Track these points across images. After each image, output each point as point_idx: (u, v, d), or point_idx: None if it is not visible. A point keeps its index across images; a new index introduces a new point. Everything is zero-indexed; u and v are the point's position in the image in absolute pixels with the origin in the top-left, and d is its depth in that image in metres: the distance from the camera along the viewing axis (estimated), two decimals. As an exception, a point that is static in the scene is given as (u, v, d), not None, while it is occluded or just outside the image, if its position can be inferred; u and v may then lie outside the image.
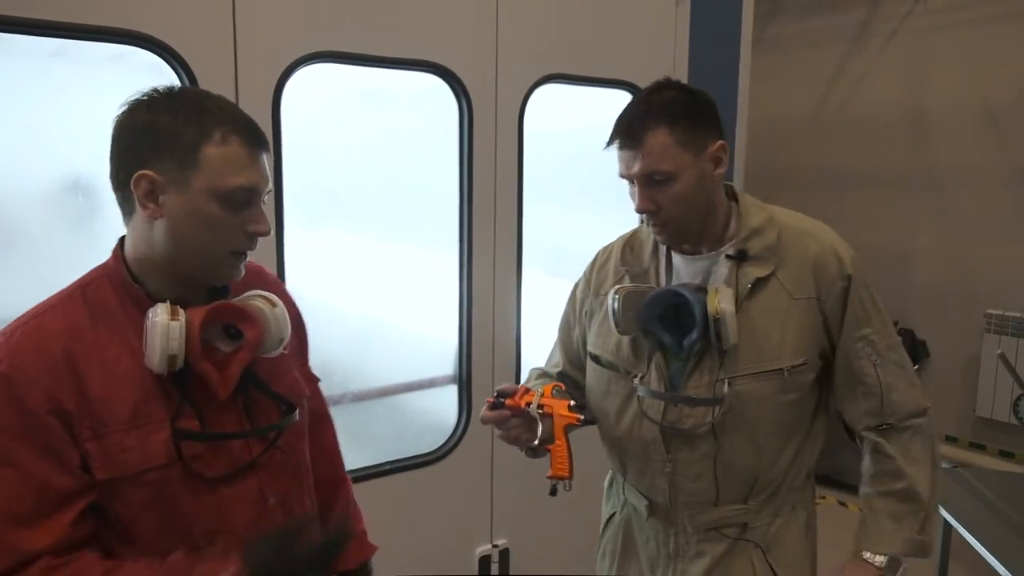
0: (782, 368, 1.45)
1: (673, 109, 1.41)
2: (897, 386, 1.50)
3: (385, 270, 2.51)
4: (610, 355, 1.58)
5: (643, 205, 1.43)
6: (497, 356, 2.64)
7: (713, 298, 1.40)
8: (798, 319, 1.46)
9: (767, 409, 1.47)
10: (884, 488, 1.51)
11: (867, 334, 1.49)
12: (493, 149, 2.54)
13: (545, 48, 2.62)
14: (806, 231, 1.51)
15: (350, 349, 2.45)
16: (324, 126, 2.37)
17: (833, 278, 1.47)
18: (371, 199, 2.49)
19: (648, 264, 1.58)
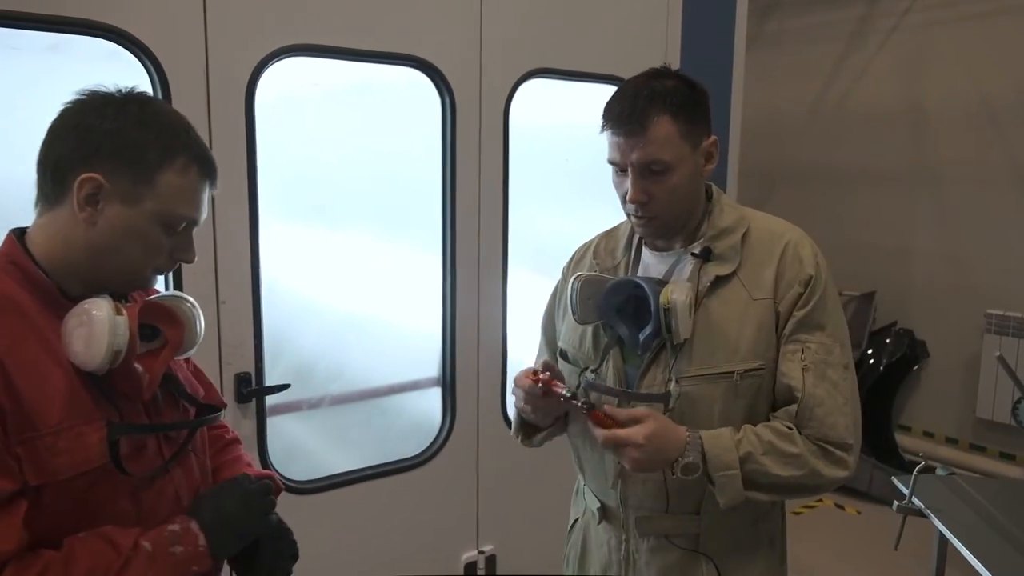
0: (733, 371, 1.39)
1: (677, 98, 1.36)
2: (825, 403, 1.38)
3: (367, 269, 2.45)
4: (574, 349, 1.55)
5: (636, 195, 1.38)
6: (482, 357, 2.58)
7: (667, 290, 1.37)
8: (755, 320, 1.40)
9: (716, 414, 1.40)
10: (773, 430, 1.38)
11: (806, 340, 1.40)
12: (477, 145, 2.48)
13: (531, 41, 2.56)
14: (774, 232, 1.47)
15: (330, 350, 2.40)
16: (302, 122, 2.31)
17: (791, 279, 1.41)
18: (352, 197, 2.43)
19: (620, 259, 1.56)
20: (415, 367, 2.58)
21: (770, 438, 1.36)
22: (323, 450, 2.47)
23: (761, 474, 1.35)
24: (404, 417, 2.62)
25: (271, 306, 2.16)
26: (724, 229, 1.45)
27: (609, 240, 1.61)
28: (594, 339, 1.51)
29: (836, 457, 1.37)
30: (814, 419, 1.37)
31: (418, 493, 2.51)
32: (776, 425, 1.39)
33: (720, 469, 1.33)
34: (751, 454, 1.35)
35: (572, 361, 1.56)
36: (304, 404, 2.34)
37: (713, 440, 1.35)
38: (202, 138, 1.18)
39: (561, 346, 1.61)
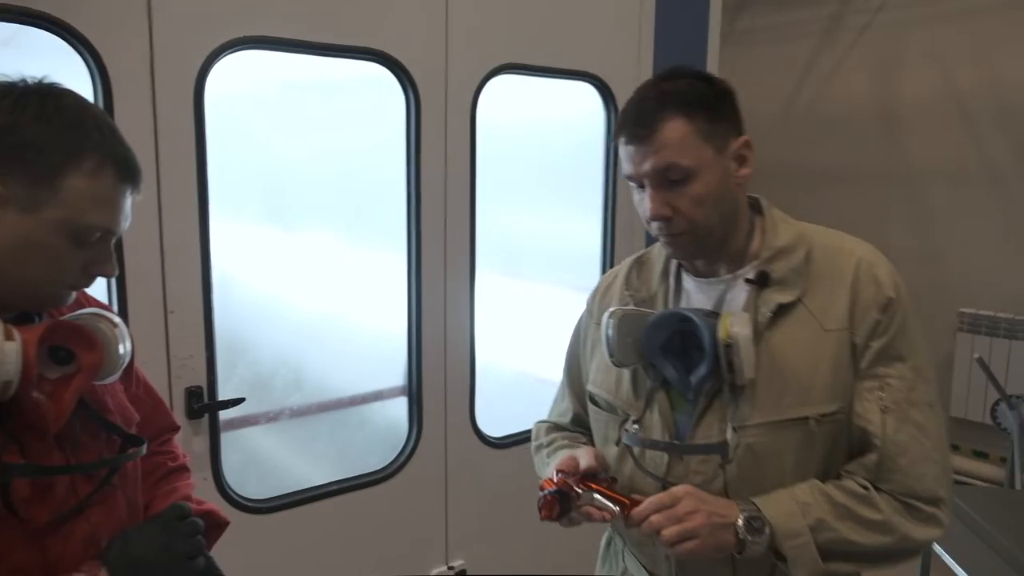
0: (808, 417, 1.18)
1: (690, 97, 1.19)
2: (909, 451, 1.17)
3: (327, 273, 2.34)
4: (609, 394, 1.34)
5: (657, 210, 1.19)
6: (450, 365, 2.47)
7: (725, 321, 1.17)
8: (831, 356, 1.19)
9: (790, 468, 1.19)
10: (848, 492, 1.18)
11: (885, 375, 1.19)
12: (443, 144, 2.37)
13: (500, 36, 2.45)
14: (841, 249, 1.26)
15: (289, 360, 2.27)
16: (259, 119, 2.19)
17: (868, 304, 1.20)
18: (312, 197, 2.32)
19: (656, 289, 1.34)
20: (379, 376, 2.46)
21: (844, 501, 1.16)
22: (283, 466, 2.34)
23: (839, 543, 1.15)
24: (368, 429, 2.51)
25: (224, 315, 2.03)
26: (781, 249, 1.25)
27: (642, 267, 1.40)
28: (634, 382, 1.30)
29: (926, 514, 1.17)
30: (897, 471, 1.17)
31: (384, 508, 2.39)
32: (850, 485, 1.18)
33: (789, 538, 1.13)
34: (823, 521, 1.14)
35: (607, 408, 1.35)
36: (262, 418, 2.22)
37: (770, 506, 1.15)
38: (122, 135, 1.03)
39: (591, 390, 1.40)
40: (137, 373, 1.28)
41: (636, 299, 1.34)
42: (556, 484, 1.21)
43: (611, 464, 1.32)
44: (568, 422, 1.51)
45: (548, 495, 1.19)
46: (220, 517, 1.23)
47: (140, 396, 1.26)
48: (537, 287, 2.97)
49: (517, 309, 2.86)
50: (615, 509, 1.18)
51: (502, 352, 2.78)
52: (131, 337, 1.11)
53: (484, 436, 2.60)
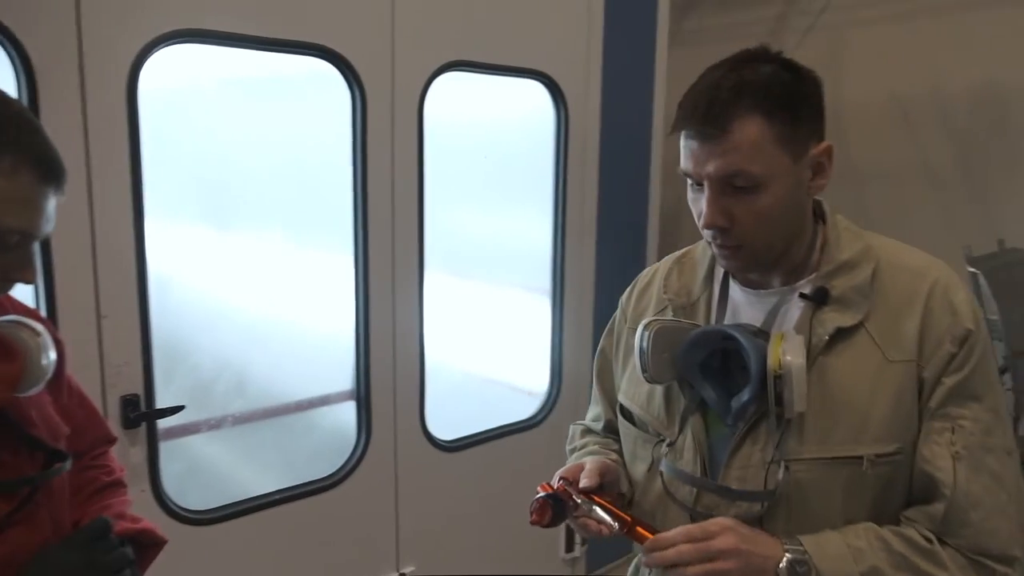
0: (862, 456, 1.05)
1: (774, 92, 1.03)
2: (983, 504, 1.03)
3: (271, 275, 2.27)
4: (641, 408, 1.23)
5: (713, 219, 1.06)
6: (399, 367, 2.42)
7: (776, 347, 1.04)
8: (892, 389, 1.06)
9: (836, 510, 1.07)
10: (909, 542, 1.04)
11: (959, 416, 1.05)
12: (390, 142, 2.32)
13: (447, 32, 2.41)
14: (914, 269, 1.11)
15: (231, 365, 2.20)
16: (199, 116, 2.12)
17: (941, 334, 1.06)
18: (255, 197, 2.25)
19: (698, 295, 1.22)
20: (326, 380, 2.40)
21: (903, 551, 1.03)
22: (226, 475, 2.27)
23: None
24: (315, 434, 2.45)
25: (162, 319, 1.95)
26: (844, 263, 1.11)
27: (683, 268, 1.27)
28: (666, 400, 1.19)
29: (997, 575, 1.04)
30: (968, 525, 1.03)
31: (333, 516, 2.33)
32: (911, 534, 1.04)
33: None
34: (878, 569, 1.02)
35: (639, 425, 1.24)
36: (203, 425, 2.14)
37: (818, 547, 1.02)
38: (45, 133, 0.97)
39: (622, 401, 1.29)
40: (70, 382, 1.21)
41: (675, 305, 1.22)
42: (555, 490, 1.15)
43: (638, 483, 1.23)
44: (601, 429, 1.41)
45: (541, 499, 1.13)
46: (157, 536, 1.17)
47: (72, 407, 1.19)
48: (487, 288, 2.94)
49: (467, 310, 2.83)
50: (614, 525, 1.10)
51: (452, 354, 2.74)
52: (60, 345, 1.05)
53: (435, 440, 2.56)
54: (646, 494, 1.22)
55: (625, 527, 1.10)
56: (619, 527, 1.10)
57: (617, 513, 1.12)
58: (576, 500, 1.14)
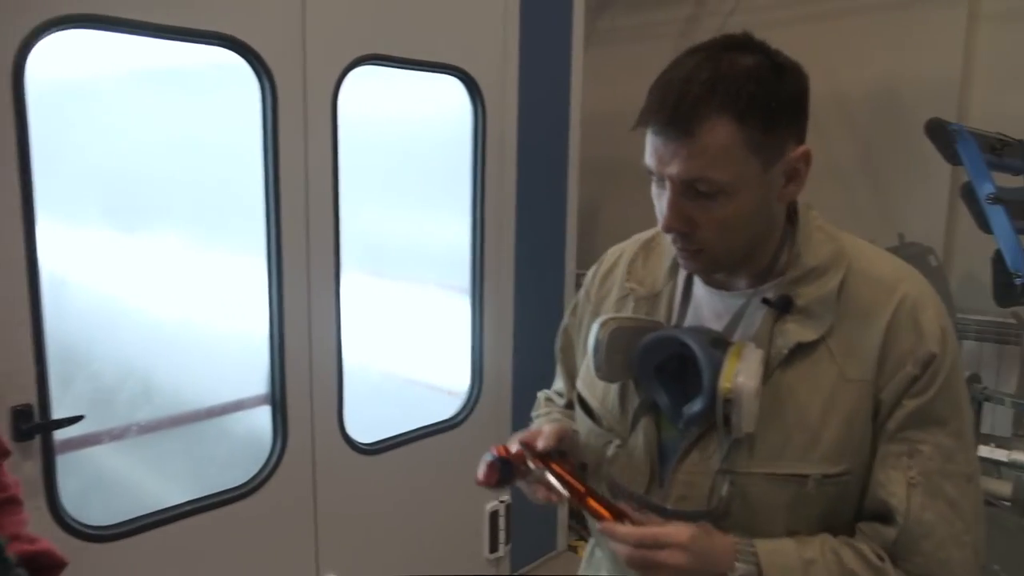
0: (808, 475, 1.02)
1: (750, 91, 0.95)
2: (935, 532, 1.00)
3: (177, 276, 2.16)
4: (597, 402, 1.19)
5: (671, 223, 1.00)
6: (316, 369, 2.35)
7: (731, 367, 1.00)
8: (845, 409, 1.02)
9: (780, 523, 1.04)
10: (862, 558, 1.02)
11: (918, 440, 1.01)
12: (303, 138, 2.24)
13: (361, 25, 2.35)
14: (883, 281, 1.05)
15: (135, 371, 2.08)
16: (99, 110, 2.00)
17: (903, 355, 1.01)
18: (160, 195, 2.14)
19: (662, 287, 1.17)
20: (239, 384, 2.31)
21: (855, 568, 1.00)
22: (132, 488, 2.15)
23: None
24: (228, 441, 2.35)
25: (58, 325, 1.83)
26: (813, 270, 1.05)
27: (649, 254, 1.22)
28: (621, 398, 1.16)
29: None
30: (919, 554, 1.00)
31: (248, 526, 2.24)
32: (865, 551, 1.01)
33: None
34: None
35: (595, 418, 1.20)
36: (105, 436, 2.02)
37: (772, 556, 1.00)
38: None
39: (580, 391, 1.24)
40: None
41: (637, 295, 1.18)
42: (508, 452, 1.11)
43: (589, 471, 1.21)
44: (563, 404, 1.38)
45: (490, 461, 1.10)
46: (56, 557, 1.09)
47: None
48: (406, 287, 2.89)
49: (385, 310, 2.77)
50: (564, 494, 1.07)
51: (371, 355, 2.68)
52: None
53: (354, 443, 2.50)
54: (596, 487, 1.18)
55: (577, 497, 1.07)
56: (570, 496, 1.07)
57: (571, 483, 1.09)
58: (530, 465, 1.10)
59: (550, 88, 3.05)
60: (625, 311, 1.19)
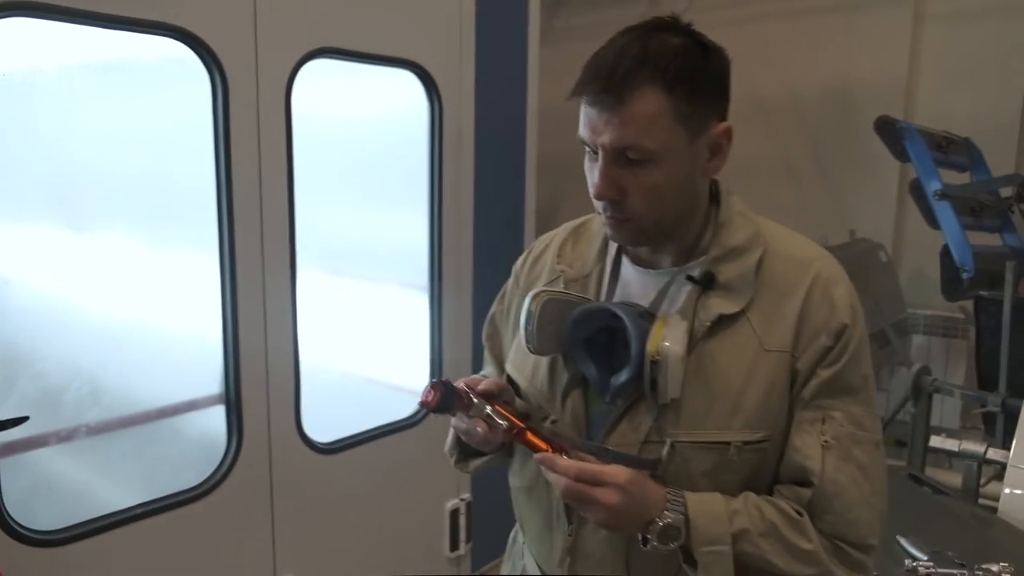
0: (729, 442, 1.07)
1: (677, 65, 1.01)
2: (846, 493, 1.06)
3: (127, 275, 2.11)
4: (526, 381, 1.23)
5: (604, 189, 1.05)
6: (272, 368, 2.31)
7: (658, 332, 1.05)
8: (765, 378, 1.08)
9: (700, 489, 1.08)
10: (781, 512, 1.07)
11: (830, 407, 1.08)
12: (256, 133, 2.20)
13: (314, 17, 2.32)
14: (799, 259, 1.12)
15: (83, 371, 2.02)
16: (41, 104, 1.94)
17: (818, 327, 1.08)
18: (108, 192, 2.08)
19: (591, 269, 1.21)
20: (192, 384, 2.26)
21: (775, 520, 1.05)
22: (81, 491, 2.09)
23: (758, 560, 1.05)
24: (182, 442, 2.30)
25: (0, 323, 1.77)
26: (733, 249, 1.11)
27: (579, 238, 1.26)
28: (550, 373, 1.19)
29: (852, 559, 1.07)
30: (831, 512, 1.06)
31: (203, 528, 2.20)
32: (784, 506, 1.07)
33: (706, 543, 1.03)
34: (747, 532, 1.04)
35: (523, 396, 1.23)
36: (52, 438, 1.96)
37: (700, 505, 1.05)
38: None
39: (509, 372, 1.28)
40: None
41: (567, 277, 1.22)
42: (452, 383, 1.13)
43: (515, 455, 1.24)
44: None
45: (434, 382, 1.11)
46: None
47: None
48: (364, 285, 2.86)
49: (344, 308, 2.74)
50: (502, 424, 1.10)
51: (330, 354, 2.65)
52: None
53: (312, 442, 2.46)
54: (525, 463, 1.22)
55: (515, 430, 1.10)
56: (508, 428, 1.10)
57: (510, 417, 1.12)
58: (472, 399, 1.12)
59: (506, 85, 3.05)
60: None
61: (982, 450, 2.10)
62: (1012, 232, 3.45)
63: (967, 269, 3.14)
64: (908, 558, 1.60)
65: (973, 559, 1.58)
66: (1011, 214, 3.44)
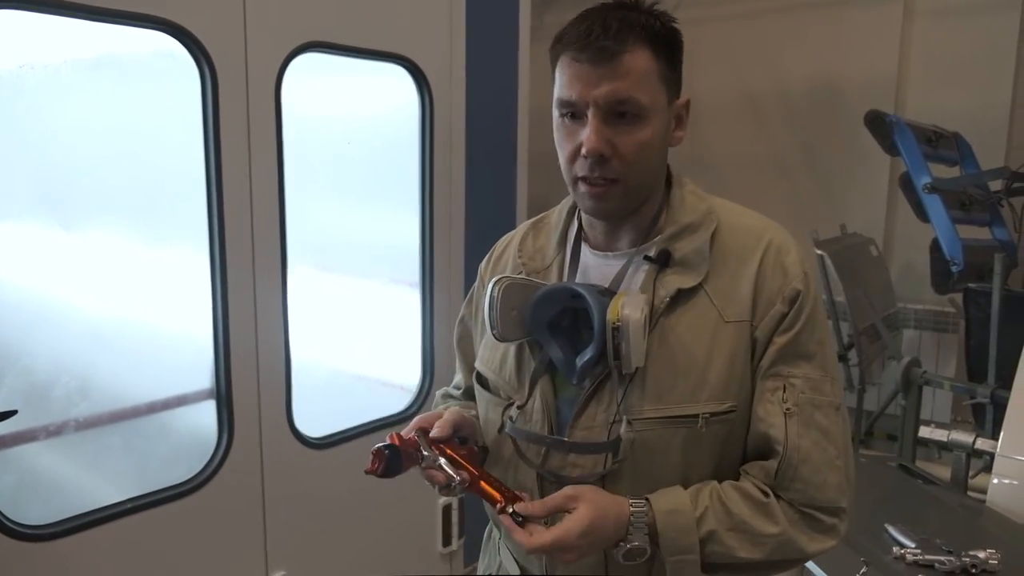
0: (697, 415, 1.08)
1: (657, 31, 1.06)
2: (812, 458, 1.07)
3: (117, 271, 2.10)
4: (494, 373, 1.24)
5: (597, 144, 1.04)
6: (262, 363, 2.31)
7: (616, 303, 1.06)
8: (727, 348, 1.09)
9: (675, 465, 1.10)
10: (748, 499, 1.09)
11: (789, 374, 1.09)
12: (246, 128, 2.20)
13: (304, 11, 2.31)
14: (750, 230, 1.15)
15: (73, 366, 2.02)
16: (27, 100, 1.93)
17: (772, 294, 1.10)
18: (97, 188, 2.07)
19: (552, 259, 1.23)
20: (182, 380, 2.25)
21: (740, 512, 1.06)
22: (71, 485, 2.09)
23: (725, 556, 1.06)
24: (172, 437, 2.29)
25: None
26: (687, 226, 1.14)
27: (539, 232, 1.28)
28: (517, 362, 1.19)
29: (825, 525, 1.09)
30: (799, 480, 1.07)
31: (194, 523, 2.19)
32: (751, 490, 1.08)
33: (675, 553, 1.04)
34: (714, 533, 1.05)
35: (492, 390, 1.23)
36: (41, 432, 1.96)
37: (668, 518, 1.05)
38: None
39: (478, 368, 1.28)
40: None
41: (529, 269, 1.23)
42: (402, 440, 1.12)
43: (490, 445, 1.23)
44: (460, 395, 1.43)
45: (377, 449, 1.10)
46: None
47: None
48: (356, 281, 2.86)
49: (336, 304, 2.74)
50: (455, 477, 1.09)
51: (322, 350, 2.65)
52: None
53: (303, 437, 2.46)
54: (498, 454, 1.22)
55: (467, 482, 1.10)
56: (460, 481, 1.09)
57: (465, 466, 1.11)
58: (424, 452, 1.11)
59: (498, 81, 3.05)
60: None
61: (970, 440, 2.11)
62: (1001, 226, 3.46)
63: (956, 262, 3.15)
64: (896, 546, 1.61)
65: (961, 547, 1.60)
66: (1000, 208, 3.45)
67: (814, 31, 4.20)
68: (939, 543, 1.60)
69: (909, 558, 1.55)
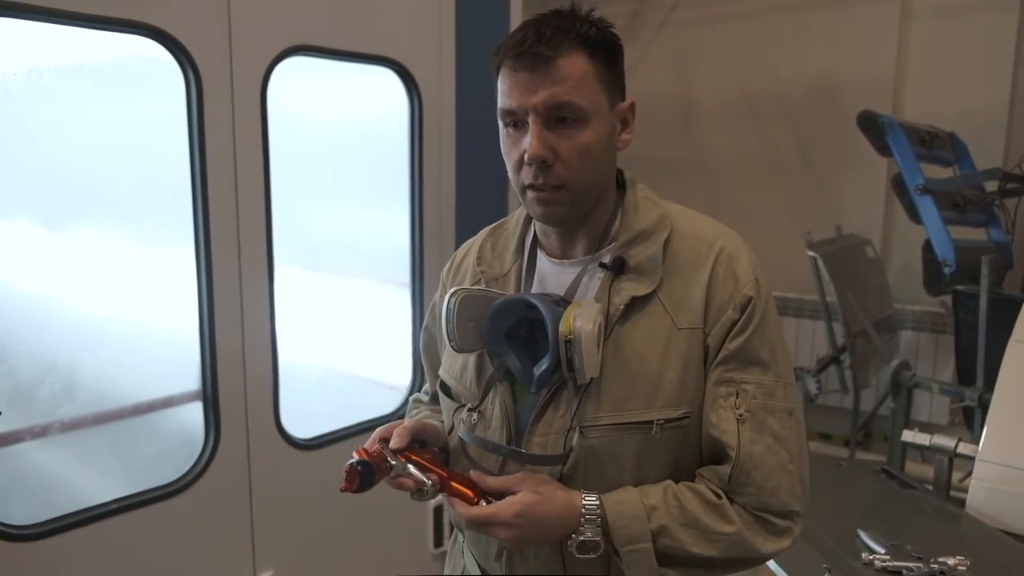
0: (651, 421, 1.09)
1: (592, 37, 1.08)
2: (765, 463, 1.09)
3: (102, 272, 2.13)
4: (456, 380, 1.25)
5: (538, 150, 1.06)
6: (249, 364, 2.33)
7: (569, 314, 1.06)
8: (680, 355, 1.10)
9: (629, 471, 1.11)
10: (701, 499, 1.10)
11: (742, 380, 1.10)
12: (231, 131, 2.22)
13: (290, 14, 2.33)
14: (703, 237, 1.16)
15: (57, 367, 2.04)
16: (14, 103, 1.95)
17: (724, 301, 1.11)
18: (82, 189, 2.10)
19: (510, 267, 1.23)
20: (168, 380, 2.28)
21: (693, 509, 1.08)
22: (57, 486, 2.11)
23: (678, 551, 1.07)
24: (158, 438, 2.31)
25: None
26: (641, 233, 1.15)
27: (497, 240, 1.29)
28: (477, 370, 1.21)
29: (779, 528, 1.10)
30: (752, 484, 1.08)
31: (180, 523, 2.21)
32: (704, 492, 1.10)
33: (627, 543, 1.06)
34: (666, 527, 1.07)
35: (454, 397, 1.25)
36: (26, 434, 1.98)
37: (618, 508, 1.07)
38: None
39: (441, 376, 1.29)
40: None
41: (487, 277, 1.24)
42: (369, 454, 1.13)
43: (452, 451, 1.25)
44: (428, 401, 1.46)
45: (349, 466, 1.12)
46: None
47: None
48: (346, 281, 2.88)
49: (325, 305, 2.76)
50: (425, 481, 1.12)
51: (311, 350, 2.67)
52: None
53: (291, 438, 2.48)
54: (457, 462, 1.23)
55: (438, 483, 1.12)
56: (431, 484, 1.12)
57: (433, 469, 1.13)
58: (391, 462, 1.13)
59: (487, 82, 3.03)
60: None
61: (952, 444, 2.10)
62: (997, 227, 3.44)
63: (949, 264, 3.14)
64: (865, 551, 1.61)
65: (934, 552, 1.60)
66: (996, 209, 3.44)
67: (812, 31, 4.18)
68: (909, 549, 1.60)
69: (877, 564, 1.55)
